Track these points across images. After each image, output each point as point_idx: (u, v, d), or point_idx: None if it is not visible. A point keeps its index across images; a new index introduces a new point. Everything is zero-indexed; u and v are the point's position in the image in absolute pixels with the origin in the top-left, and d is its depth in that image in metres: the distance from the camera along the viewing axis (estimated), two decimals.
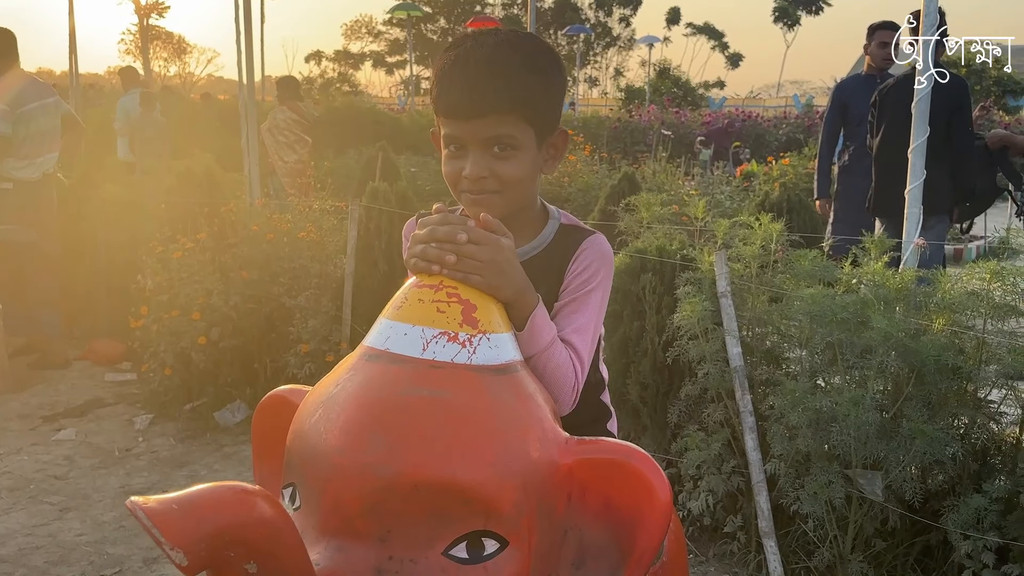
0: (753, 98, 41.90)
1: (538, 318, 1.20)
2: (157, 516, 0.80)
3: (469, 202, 1.29)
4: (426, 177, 10.93)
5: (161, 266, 4.50)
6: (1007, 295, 2.86)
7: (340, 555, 0.96)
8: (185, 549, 0.81)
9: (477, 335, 1.09)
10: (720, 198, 7.60)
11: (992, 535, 2.56)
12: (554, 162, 1.35)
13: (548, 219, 1.40)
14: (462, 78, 1.23)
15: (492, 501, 0.98)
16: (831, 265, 3.17)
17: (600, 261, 1.35)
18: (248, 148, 5.50)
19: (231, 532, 0.84)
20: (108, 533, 3.31)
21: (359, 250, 4.27)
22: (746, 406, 2.98)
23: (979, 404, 2.84)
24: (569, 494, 1.06)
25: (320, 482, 1.00)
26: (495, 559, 0.99)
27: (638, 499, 1.02)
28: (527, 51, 1.27)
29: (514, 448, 1.02)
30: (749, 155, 14.83)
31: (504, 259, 1.16)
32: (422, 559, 0.97)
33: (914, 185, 3.33)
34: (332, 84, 35.42)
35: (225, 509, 0.85)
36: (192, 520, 0.82)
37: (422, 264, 1.15)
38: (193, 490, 0.86)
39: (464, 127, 1.24)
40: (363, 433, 0.99)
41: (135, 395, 4.80)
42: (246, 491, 0.88)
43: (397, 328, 1.09)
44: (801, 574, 2.93)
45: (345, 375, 1.07)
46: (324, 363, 4.12)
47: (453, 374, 1.04)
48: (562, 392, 1.24)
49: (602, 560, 1.05)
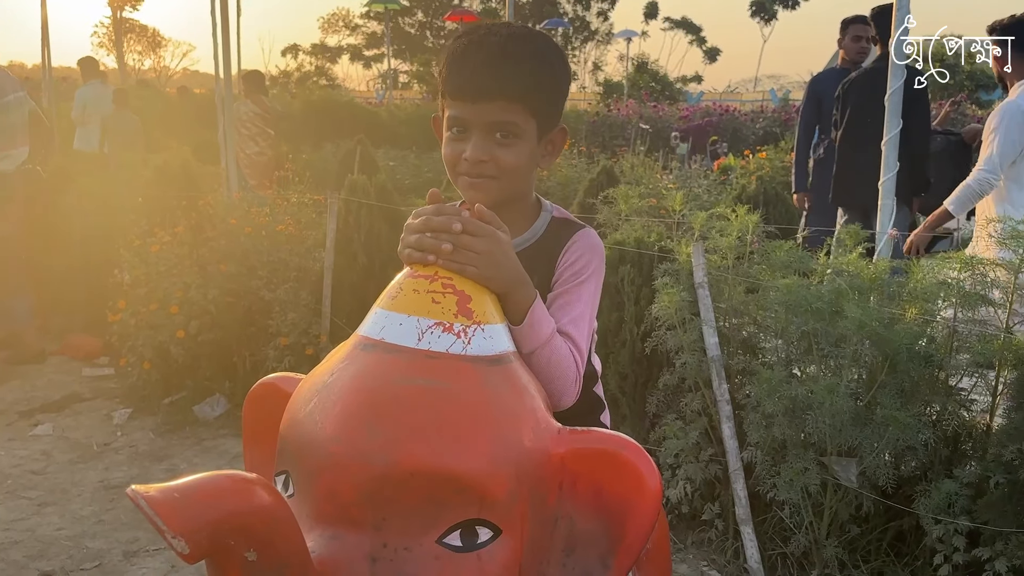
0: (730, 92, 42.09)
1: (537, 311, 1.21)
2: (159, 505, 0.81)
3: (466, 185, 1.30)
4: (405, 171, 10.92)
5: (139, 260, 4.48)
6: (977, 285, 2.92)
7: (335, 542, 0.97)
8: (187, 537, 0.82)
9: (472, 326, 1.10)
10: (698, 191, 7.66)
11: (963, 519, 2.62)
12: (551, 158, 1.37)
13: (541, 212, 1.41)
14: (474, 61, 1.26)
15: (486, 490, 0.99)
16: (806, 256, 3.21)
17: (591, 253, 1.36)
18: (225, 142, 5.48)
19: (231, 520, 0.85)
20: (87, 527, 3.30)
21: (338, 243, 4.27)
22: (723, 395, 3.02)
23: (950, 391, 2.90)
24: (561, 483, 1.07)
25: (315, 470, 1.00)
26: (488, 547, 1.00)
27: (629, 489, 1.04)
28: (538, 45, 1.30)
29: (508, 438, 1.03)
30: (726, 149, 14.92)
31: (500, 251, 1.16)
32: (416, 547, 0.98)
33: (887, 177, 3.38)
34: (309, 78, 35.22)
35: (225, 497, 0.86)
36: (193, 508, 0.83)
37: (417, 255, 1.15)
38: (193, 479, 0.87)
39: (470, 109, 1.26)
40: (359, 422, 1.00)
41: (113, 390, 4.78)
42: (245, 480, 0.89)
43: (392, 318, 1.09)
44: (778, 560, 2.97)
45: (340, 364, 1.08)
46: (303, 356, 4.12)
47: (448, 364, 1.05)
48: (565, 384, 1.25)
49: (591, 548, 1.06)
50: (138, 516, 3.38)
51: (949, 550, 2.67)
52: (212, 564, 0.92)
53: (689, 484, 3.08)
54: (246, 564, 0.89)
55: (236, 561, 0.89)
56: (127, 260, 4.60)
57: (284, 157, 6.97)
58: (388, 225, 4.28)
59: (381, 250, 4.24)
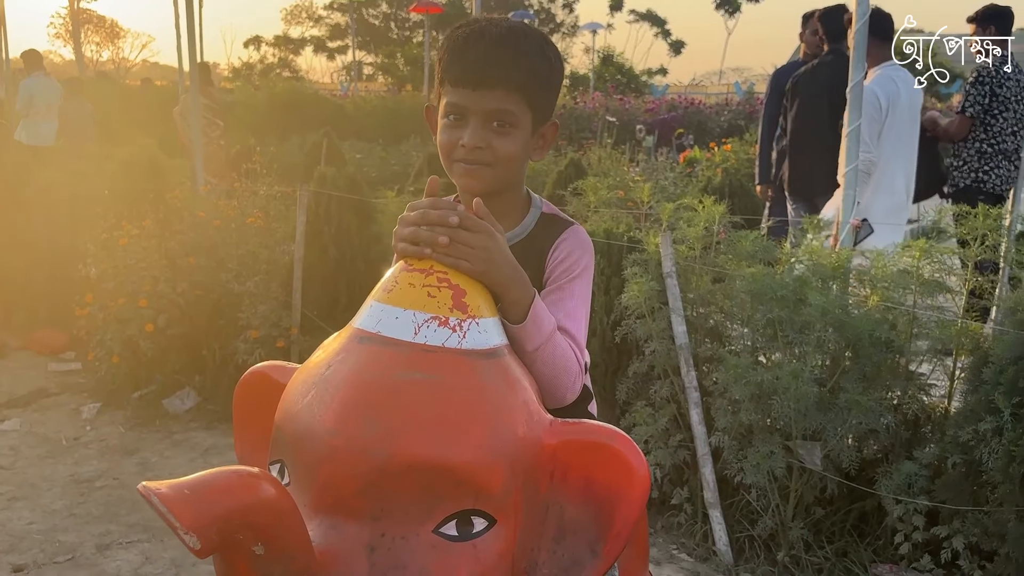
0: (695, 85, 42.36)
1: (538, 308, 1.22)
2: (171, 501, 0.83)
3: (461, 172, 1.31)
4: (371, 163, 10.88)
5: (106, 253, 4.44)
6: (935, 272, 3.02)
7: (334, 532, 0.99)
8: (198, 533, 0.84)
9: (467, 320, 1.11)
10: (664, 183, 7.74)
11: (922, 499, 2.71)
12: (542, 151, 1.39)
13: (530, 207, 1.42)
14: (476, 50, 1.28)
15: (482, 481, 1.02)
16: (771, 245, 3.29)
17: (581, 249, 1.38)
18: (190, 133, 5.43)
19: (240, 515, 0.87)
20: (59, 521, 3.29)
21: (308, 236, 4.27)
22: (691, 382, 3.08)
23: (910, 376, 2.99)
24: (552, 473, 1.10)
25: (314, 462, 1.02)
26: (483, 536, 1.03)
27: (618, 478, 1.07)
28: (537, 40, 1.33)
29: (503, 430, 1.06)
30: (692, 141, 15.04)
31: (495, 247, 1.17)
32: (413, 536, 1.00)
33: (849, 168, 3.46)
34: (272, 70, 34.87)
35: (234, 493, 0.88)
36: (204, 504, 0.85)
37: (412, 248, 1.16)
38: (201, 475, 0.89)
39: (470, 96, 1.28)
40: (358, 415, 1.02)
41: (80, 384, 4.74)
42: (252, 475, 0.91)
43: (388, 311, 1.10)
44: (745, 542, 3.04)
45: (336, 357, 1.09)
46: (274, 349, 4.12)
47: (444, 358, 1.07)
48: (568, 379, 1.26)
49: (581, 536, 1.09)
50: (111, 510, 3.37)
51: (909, 529, 2.76)
52: (221, 559, 0.94)
53: (659, 469, 3.14)
54: (254, 558, 0.91)
55: (244, 555, 0.91)
56: (94, 254, 4.56)
57: (252, 150, 6.91)
58: (358, 218, 4.30)
59: (351, 243, 4.26)
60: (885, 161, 4.22)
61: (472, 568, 1.02)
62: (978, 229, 3.09)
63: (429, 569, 1.00)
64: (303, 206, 4.24)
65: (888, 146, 4.22)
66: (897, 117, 4.20)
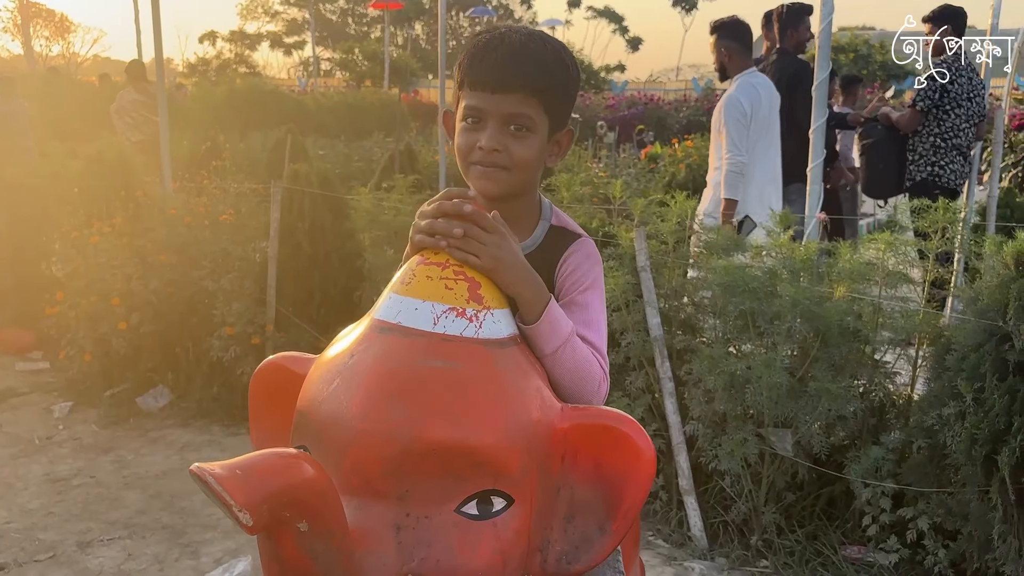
0: (653, 81, 42.68)
1: (554, 310, 1.26)
2: (225, 481, 0.89)
3: (478, 174, 1.34)
4: (334, 160, 10.85)
5: (76, 251, 4.41)
6: (899, 264, 3.13)
7: (361, 513, 1.05)
8: (251, 510, 0.89)
9: (483, 311, 1.17)
10: (627, 179, 7.85)
11: (889, 482, 2.82)
12: (557, 157, 1.41)
13: (540, 218, 1.44)
14: (497, 54, 1.31)
15: (501, 463, 1.08)
16: (740, 239, 3.38)
17: (590, 263, 1.40)
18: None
19: (288, 493, 0.93)
20: (37, 520, 3.28)
21: (281, 232, 4.28)
22: (666, 372, 3.17)
23: (876, 364, 3.10)
24: (563, 455, 1.17)
25: (342, 446, 1.07)
26: (502, 515, 1.10)
27: (626, 460, 1.14)
28: (556, 47, 1.36)
29: (519, 415, 1.12)
30: (653, 138, 15.21)
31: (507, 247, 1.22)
32: (436, 516, 1.07)
33: (815, 163, 3.57)
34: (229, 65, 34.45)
35: (281, 472, 0.93)
36: (255, 483, 0.90)
37: (428, 240, 1.21)
38: (246, 457, 0.94)
39: (489, 100, 1.30)
40: (384, 401, 1.07)
41: (50, 383, 4.70)
42: (294, 456, 0.96)
43: (407, 303, 1.16)
44: (720, 527, 3.14)
45: (359, 346, 1.15)
46: (250, 345, 4.13)
47: (463, 347, 1.13)
48: (590, 384, 1.29)
49: (590, 515, 1.16)
50: (89, 507, 3.37)
51: (876, 511, 2.87)
52: (268, 538, 0.99)
53: None
54: (299, 534, 0.97)
55: (290, 532, 0.97)
56: (62, 252, 4.52)
57: (222, 148, 6.87)
58: (332, 214, 4.31)
59: (325, 239, 4.27)
60: (752, 161, 4.45)
61: (493, 545, 1.08)
62: (939, 222, 3.21)
63: (453, 546, 1.06)
64: (276, 203, 4.25)
65: (754, 148, 4.45)
66: (759, 120, 4.43)
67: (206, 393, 4.33)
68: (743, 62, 4.54)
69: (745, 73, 4.52)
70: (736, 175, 4.38)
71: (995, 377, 2.56)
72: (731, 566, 3.00)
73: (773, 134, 4.54)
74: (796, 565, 2.94)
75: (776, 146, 4.58)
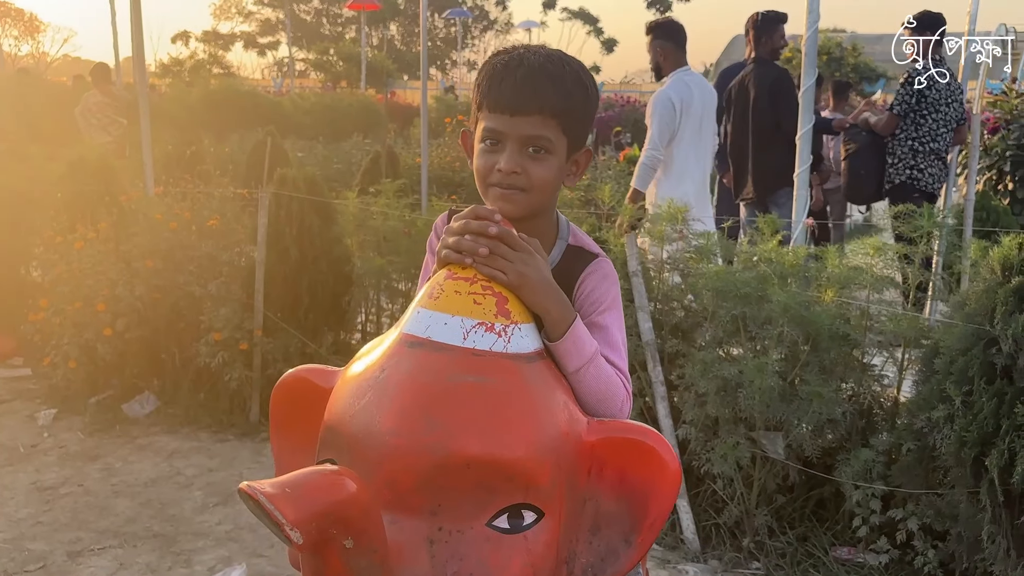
0: (627, 83, 42.83)
1: (579, 328, 1.27)
2: (277, 499, 0.89)
3: (497, 196, 1.34)
4: (313, 162, 10.76)
5: (59, 257, 4.37)
6: (886, 268, 3.18)
7: (394, 527, 1.05)
8: (301, 528, 0.90)
9: (510, 325, 1.19)
10: (607, 181, 7.88)
11: (879, 484, 2.86)
12: (575, 177, 1.42)
13: (558, 238, 1.44)
14: (515, 77, 1.31)
15: (532, 476, 1.10)
16: (730, 244, 3.42)
17: (607, 283, 1.41)
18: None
19: (335, 510, 0.94)
20: (26, 530, 3.24)
21: (268, 237, 4.26)
22: (657, 376, 3.20)
23: (864, 368, 3.15)
24: (590, 468, 1.19)
25: (375, 460, 1.08)
26: (533, 529, 1.11)
27: (652, 473, 1.16)
28: (575, 68, 1.36)
29: (549, 429, 1.14)
30: (630, 139, 15.28)
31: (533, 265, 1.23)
32: (468, 530, 1.08)
33: (802, 169, 3.61)
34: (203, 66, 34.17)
35: (328, 489, 0.94)
36: (304, 501, 0.91)
37: (455, 256, 1.23)
38: (296, 474, 0.95)
39: (507, 122, 1.31)
40: (417, 416, 1.08)
41: (32, 390, 4.65)
42: (337, 473, 0.98)
43: (437, 318, 1.17)
44: (712, 530, 3.17)
45: (389, 361, 1.16)
46: (237, 351, 4.11)
47: (492, 362, 1.14)
48: (615, 403, 1.30)
49: (615, 527, 1.18)
50: (78, 517, 3.34)
51: (866, 513, 2.91)
52: (313, 555, 1.00)
53: None
54: (344, 551, 0.98)
55: (336, 549, 0.98)
56: (45, 258, 4.47)
57: (205, 151, 6.80)
58: (319, 218, 4.30)
59: (313, 244, 4.26)
60: (683, 157, 4.61)
61: (524, 558, 1.09)
62: (923, 227, 3.26)
63: (485, 560, 1.07)
64: (264, 207, 4.23)
65: (683, 143, 4.60)
66: (691, 116, 4.58)
67: (193, 399, 4.30)
68: (677, 61, 4.70)
69: (679, 71, 4.67)
70: (648, 169, 4.56)
71: (983, 380, 2.60)
72: (723, 568, 3.03)
73: (707, 131, 4.69)
74: (788, 567, 2.98)
75: (707, 141, 4.73)
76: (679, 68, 4.68)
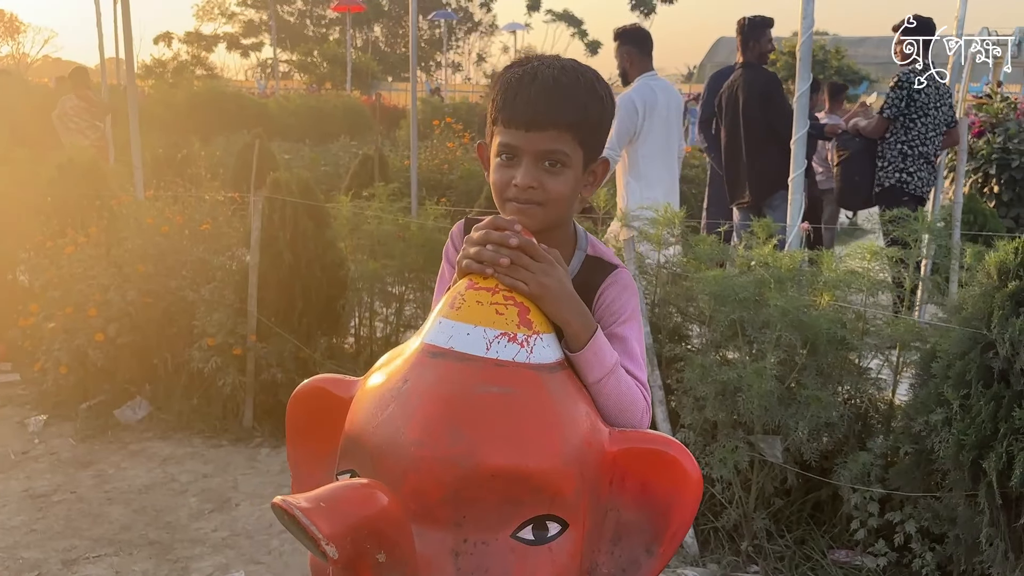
0: (612, 85, 42.93)
1: (600, 339, 1.27)
2: (313, 514, 0.89)
3: (514, 210, 1.33)
4: (300, 164, 10.72)
5: (49, 262, 4.33)
6: (881, 271, 3.20)
7: (420, 540, 1.05)
8: (336, 542, 0.90)
9: (532, 335, 1.18)
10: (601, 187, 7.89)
11: (877, 487, 2.88)
12: (592, 188, 1.41)
13: (576, 248, 1.44)
14: (529, 92, 1.30)
15: (557, 487, 1.09)
16: (726, 248, 3.43)
17: (627, 294, 1.41)
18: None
19: (369, 524, 0.93)
20: (19, 538, 3.21)
21: (262, 241, 4.24)
22: (655, 380, 3.20)
23: (861, 371, 3.17)
24: (612, 479, 1.18)
25: (398, 472, 1.07)
26: (558, 540, 1.10)
27: (674, 483, 1.16)
28: (589, 79, 1.35)
29: (572, 439, 1.13)
30: None
31: (554, 275, 1.23)
32: (493, 541, 1.07)
33: (796, 174, 3.63)
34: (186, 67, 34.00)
35: (361, 503, 0.94)
36: (339, 515, 0.91)
37: (476, 266, 1.22)
38: (329, 488, 0.94)
39: (523, 137, 1.31)
40: (442, 427, 1.08)
41: (22, 396, 4.60)
42: (369, 486, 0.97)
43: (459, 328, 1.16)
44: (711, 534, 3.18)
45: (412, 371, 1.15)
46: (231, 356, 4.08)
47: (516, 372, 1.14)
48: (635, 414, 1.30)
49: (636, 537, 1.18)
50: (72, 524, 3.31)
51: (864, 515, 2.93)
52: (346, 569, 0.98)
53: None
54: (377, 565, 0.97)
55: (369, 564, 0.97)
56: (34, 262, 4.43)
57: (196, 154, 6.76)
58: (313, 223, 4.28)
59: (307, 248, 4.23)
60: (648, 158, 4.65)
61: (549, 570, 1.09)
62: (918, 231, 3.28)
63: (510, 572, 1.07)
64: (258, 212, 4.21)
65: (648, 145, 4.65)
66: (655, 119, 4.63)
67: (186, 404, 4.27)
68: (643, 66, 4.76)
69: (644, 76, 4.73)
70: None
71: (980, 384, 2.62)
72: (722, 572, 3.04)
73: (666, 132, 4.72)
74: (786, 570, 2.99)
75: (671, 144, 4.77)
76: (644, 73, 4.74)
